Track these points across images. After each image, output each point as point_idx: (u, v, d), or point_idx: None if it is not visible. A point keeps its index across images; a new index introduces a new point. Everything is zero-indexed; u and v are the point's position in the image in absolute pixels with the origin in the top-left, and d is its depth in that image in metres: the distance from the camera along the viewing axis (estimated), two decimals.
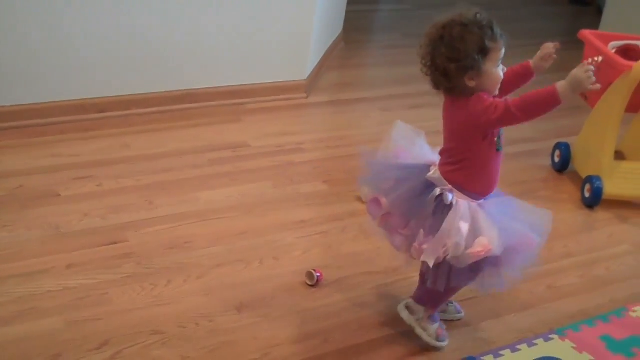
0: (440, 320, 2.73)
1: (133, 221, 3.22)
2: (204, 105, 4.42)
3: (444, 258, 2.42)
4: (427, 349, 2.68)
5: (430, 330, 2.67)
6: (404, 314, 2.71)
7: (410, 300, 2.72)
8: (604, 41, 3.84)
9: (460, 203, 2.43)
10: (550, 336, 2.81)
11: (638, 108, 3.90)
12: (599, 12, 6.95)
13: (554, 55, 2.52)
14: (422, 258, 2.45)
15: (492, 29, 2.37)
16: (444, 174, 2.47)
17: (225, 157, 3.89)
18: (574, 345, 2.76)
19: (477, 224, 2.41)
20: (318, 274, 2.93)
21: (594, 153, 3.90)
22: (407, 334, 2.73)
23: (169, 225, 3.22)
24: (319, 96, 4.92)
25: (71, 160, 3.66)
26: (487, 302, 2.87)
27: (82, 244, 3.03)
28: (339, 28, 6.00)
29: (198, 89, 4.41)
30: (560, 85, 2.29)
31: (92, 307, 2.68)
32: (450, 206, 2.43)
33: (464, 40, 2.34)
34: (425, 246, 2.44)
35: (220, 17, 4.30)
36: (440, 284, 2.52)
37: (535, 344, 2.75)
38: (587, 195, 3.79)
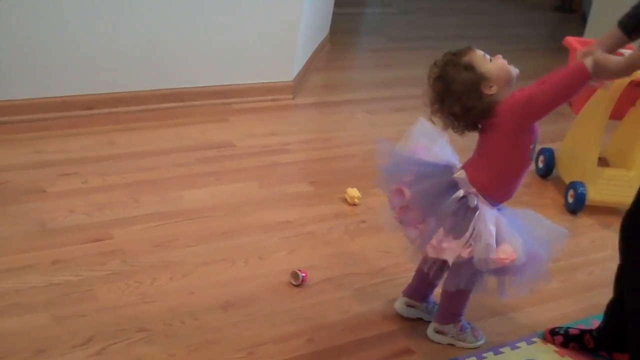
0: (469, 322, 2.77)
1: (118, 218, 3.22)
2: (190, 104, 4.42)
3: (469, 259, 2.46)
4: (412, 349, 2.69)
5: (468, 338, 2.72)
6: (437, 338, 2.74)
7: (436, 324, 2.74)
8: None
9: (485, 207, 2.47)
10: (533, 339, 2.83)
11: (622, 115, 3.92)
12: (584, 19, 7.00)
13: None
14: (443, 256, 2.49)
15: (456, 53, 2.49)
16: (469, 174, 2.50)
17: (211, 156, 3.90)
18: (556, 349, 2.78)
19: (500, 231, 2.44)
20: (303, 274, 2.94)
21: (578, 159, 3.93)
22: (392, 334, 2.75)
23: (154, 223, 3.22)
24: (305, 97, 4.93)
25: (57, 156, 3.65)
26: (471, 306, 2.86)
27: (67, 240, 3.02)
28: (325, 30, 6.01)
29: (185, 88, 4.41)
30: (588, 64, 2.31)
31: (77, 304, 2.67)
32: (474, 209, 2.47)
33: (454, 80, 2.44)
34: (445, 245, 2.48)
35: (208, 17, 4.30)
36: (453, 284, 2.57)
37: (518, 347, 2.77)
38: (570, 200, 3.82)
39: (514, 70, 2.45)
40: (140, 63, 4.19)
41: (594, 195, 3.79)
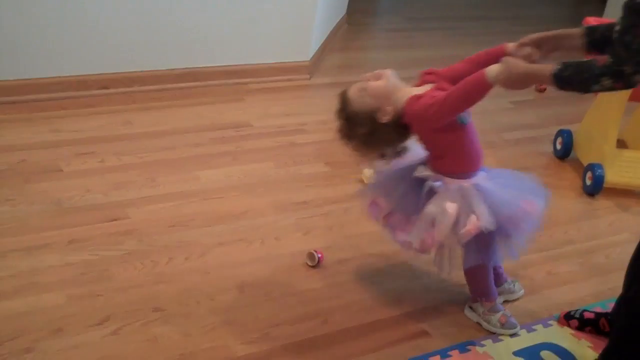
0: (505, 309, 2.78)
1: (135, 198, 3.22)
2: (206, 84, 4.42)
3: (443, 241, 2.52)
4: (428, 331, 2.69)
5: (492, 321, 2.72)
6: (469, 314, 2.79)
7: (469, 301, 2.80)
8: None
9: (450, 187, 2.49)
10: (550, 322, 2.82)
11: None
12: (603, 0, 6.93)
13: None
14: (408, 237, 2.55)
15: (339, 108, 2.55)
16: (434, 168, 2.53)
17: (227, 136, 3.89)
18: (572, 332, 2.77)
19: (469, 203, 2.46)
20: (319, 255, 2.94)
21: (596, 141, 3.90)
22: (408, 316, 2.75)
23: (170, 203, 3.22)
24: (322, 77, 4.91)
25: (73, 135, 3.66)
26: None
27: (84, 219, 3.03)
28: (342, 10, 5.98)
29: (201, 67, 4.40)
30: (492, 74, 2.25)
31: (93, 283, 2.68)
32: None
33: (357, 137, 2.51)
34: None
35: None
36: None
37: (535, 330, 2.76)
38: (588, 183, 3.79)
39: (385, 80, 2.44)
40: (156, 42, 4.18)
41: (612, 177, 3.76)
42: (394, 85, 2.45)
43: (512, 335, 2.70)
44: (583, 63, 2.14)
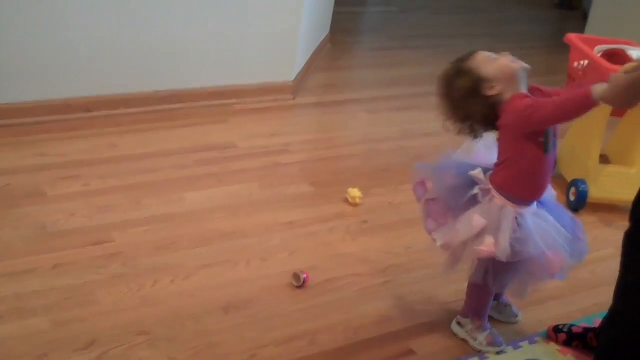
0: (492, 327, 2.78)
1: (120, 221, 3.22)
2: (191, 105, 4.42)
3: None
4: (414, 350, 2.69)
5: (480, 339, 2.72)
6: (456, 329, 2.79)
7: (458, 316, 2.79)
8: (589, 45, 3.86)
9: (493, 203, 2.49)
10: (535, 339, 2.82)
11: (623, 112, 3.91)
12: (585, 16, 6.99)
13: None
14: (433, 235, 2.59)
15: (459, 59, 2.53)
16: (491, 175, 2.53)
17: (212, 157, 3.89)
18: (559, 348, 2.78)
19: (499, 225, 2.46)
20: (305, 275, 2.94)
21: (579, 157, 3.92)
22: (393, 335, 2.75)
23: (155, 226, 3.22)
24: (306, 97, 4.92)
25: (58, 159, 3.65)
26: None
27: (69, 243, 3.02)
28: (326, 29, 6.00)
29: (185, 89, 4.40)
30: (598, 92, 2.25)
31: (79, 308, 2.67)
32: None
33: (453, 88, 2.51)
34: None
35: (207, 17, 4.30)
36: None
37: (520, 347, 2.77)
38: (572, 198, 3.81)
39: (519, 67, 2.45)
40: (140, 64, 4.19)
41: (595, 192, 3.78)
42: (519, 76, 2.45)
43: (498, 353, 2.71)
44: None
